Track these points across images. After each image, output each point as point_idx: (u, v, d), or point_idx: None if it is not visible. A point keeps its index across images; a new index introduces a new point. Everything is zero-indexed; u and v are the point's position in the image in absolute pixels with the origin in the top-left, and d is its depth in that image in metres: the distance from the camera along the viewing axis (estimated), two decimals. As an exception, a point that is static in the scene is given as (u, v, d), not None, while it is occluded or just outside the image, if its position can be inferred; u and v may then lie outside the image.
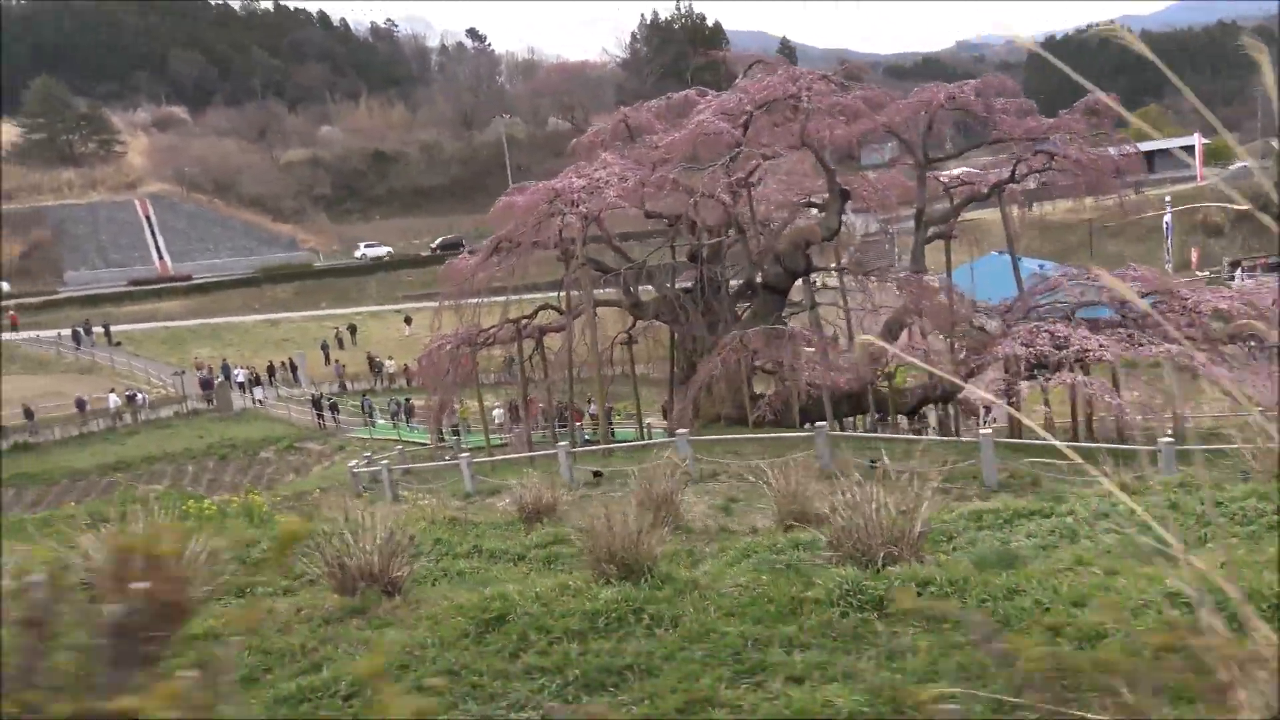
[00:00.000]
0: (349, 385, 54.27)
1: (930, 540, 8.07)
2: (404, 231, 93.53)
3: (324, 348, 58.91)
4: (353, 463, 28.07)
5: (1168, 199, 69.36)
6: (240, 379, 52.17)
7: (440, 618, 7.47)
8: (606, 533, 7.99)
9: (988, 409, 35.99)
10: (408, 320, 65.84)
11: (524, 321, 30.50)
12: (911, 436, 24.47)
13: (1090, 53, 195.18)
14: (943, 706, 3.79)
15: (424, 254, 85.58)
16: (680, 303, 27.86)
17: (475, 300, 28.85)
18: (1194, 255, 78.41)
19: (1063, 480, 17.85)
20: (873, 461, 19.03)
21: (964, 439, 22.42)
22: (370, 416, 47.65)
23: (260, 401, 50.79)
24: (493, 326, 30.14)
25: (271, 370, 54.05)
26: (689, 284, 29.14)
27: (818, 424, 19.94)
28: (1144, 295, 24.74)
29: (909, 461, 20.59)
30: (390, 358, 56.79)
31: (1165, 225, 78.27)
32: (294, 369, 55.19)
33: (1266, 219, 1.91)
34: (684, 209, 27.90)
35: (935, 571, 6.94)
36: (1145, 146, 54.59)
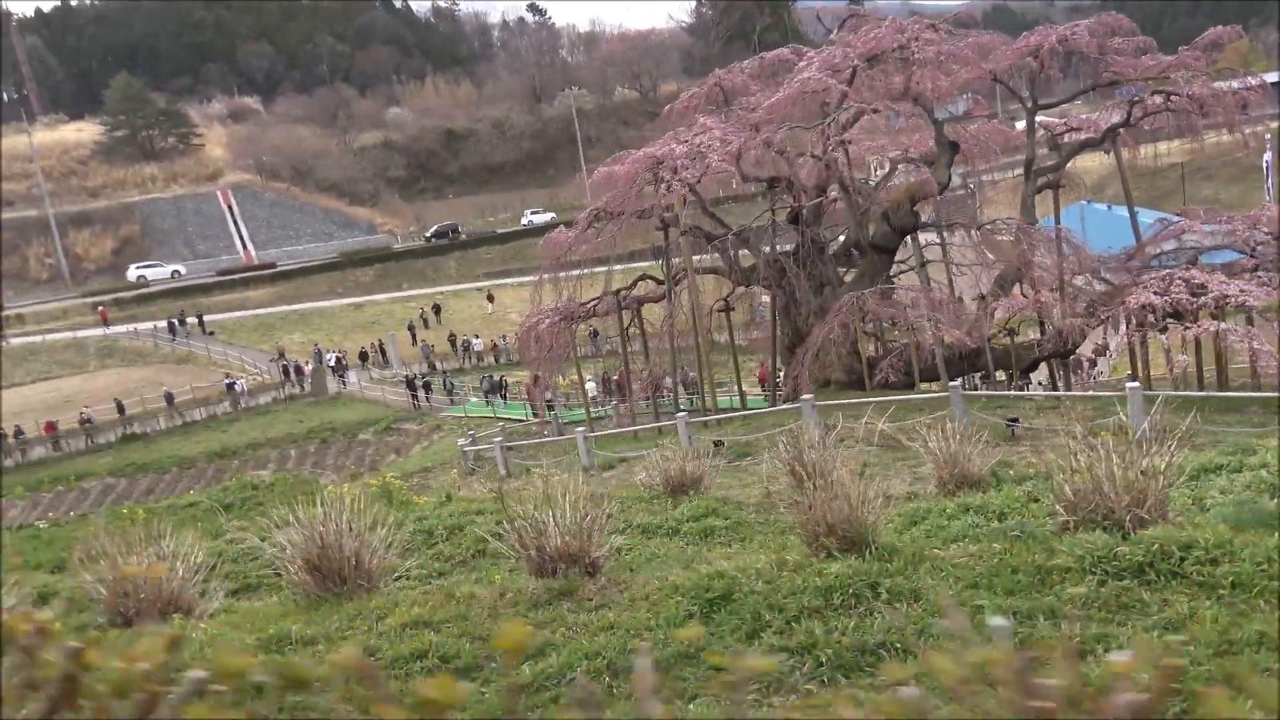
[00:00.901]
0: (438, 365, 54.66)
1: (1170, 501, 7.57)
2: (480, 208, 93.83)
3: (410, 328, 59.41)
4: (461, 440, 28.09)
5: (1268, 136, 66.52)
6: (332, 362, 52.84)
7: (656, 598, 7.16)
8: (824, 505, 7.62)
9: (1093, 362, 34.94)
10: (490, 298, 66.13)
11: (623, 293, 30.19)
12: (1042, 393, 23.67)
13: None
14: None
15: (500, 230, 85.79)
16: (783, 267, 27.28)
17: (576, 272, 28.59)
18: (1294, 195, 75.35)
19: (1215, 432, 17.09)
20: (1011, 420, 18.44)
21: (1103, 393, 21.61)
22: (453, 395, 48.01)
23: (345, 384, 51.36)
24: (593, 299, 29.89)
25: (364, 354, 54.67)
26: (790, 247, 28.53)
27: (950, 384, 19.27)
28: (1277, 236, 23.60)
29: (1040, 419, 19.99)
30: (476, 336, 57.16)
31: (1265, 164, 75.21)
32: (383, 351, 55.75)
33: None
34: (784, 170, 27.27)
35: (1194, 534, 6.45)
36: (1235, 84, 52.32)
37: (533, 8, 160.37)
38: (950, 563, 6.86)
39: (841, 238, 29.67)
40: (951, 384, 18.99)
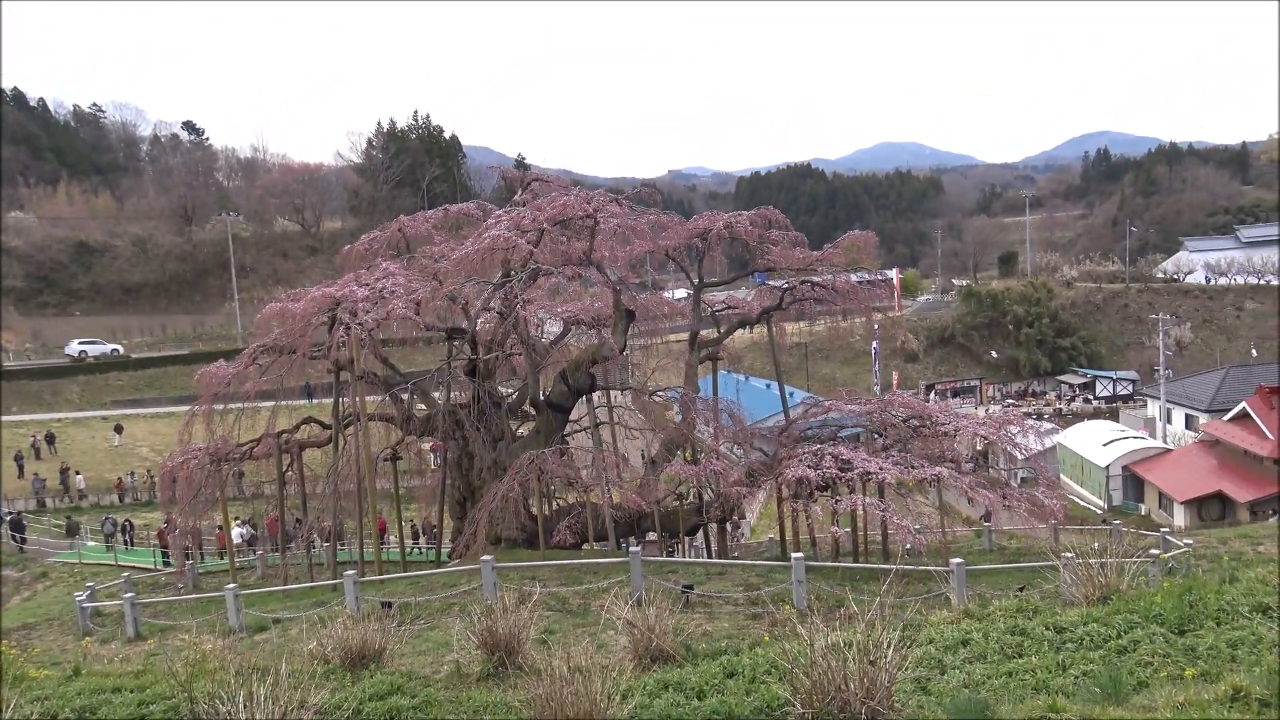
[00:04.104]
0: (49, 502, 48.33)
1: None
2: (112, 330, 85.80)
3: (18, 459, 52.30)
4: (79, 594, 24.61)
5: (876, 326, 75.65)
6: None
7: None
8: (558, 698, 7.19)
9: (736, 525, 37.09)
10: (118, 428, 59.98)
11: (285, 436, 28.40)
12: (711, 560, 24.57)
13: (789, 188, 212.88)
14: None
15: (135, 355, 78.69)
16: (459, 419, 26.89)
17: (236, 406, 26.55)
18: (895, 378, 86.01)
19: (862, 599, 18.43)
20: (686, 587, 18.88)
21: (765, 563, 22.75)
22: (75, 536, 42.65)
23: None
24: (250, 441, 27.82)
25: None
26: (465, 398, 28.25)
27: (632, 549, 19.50)
28: (906, 419, 26.49)
29: (710, 585, 20.65)
30: (78, 472, 51.19)
31: (873, 350, 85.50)
32: (-18, 483, 48.57)
33: None
34: (465, 323, 27.21)
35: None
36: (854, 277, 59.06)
37: (189, 125, 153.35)
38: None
39: (515, 394, 29.84)
40: (633, 549, 19.24)
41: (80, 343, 77.88)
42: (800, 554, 18.64)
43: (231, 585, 21.63)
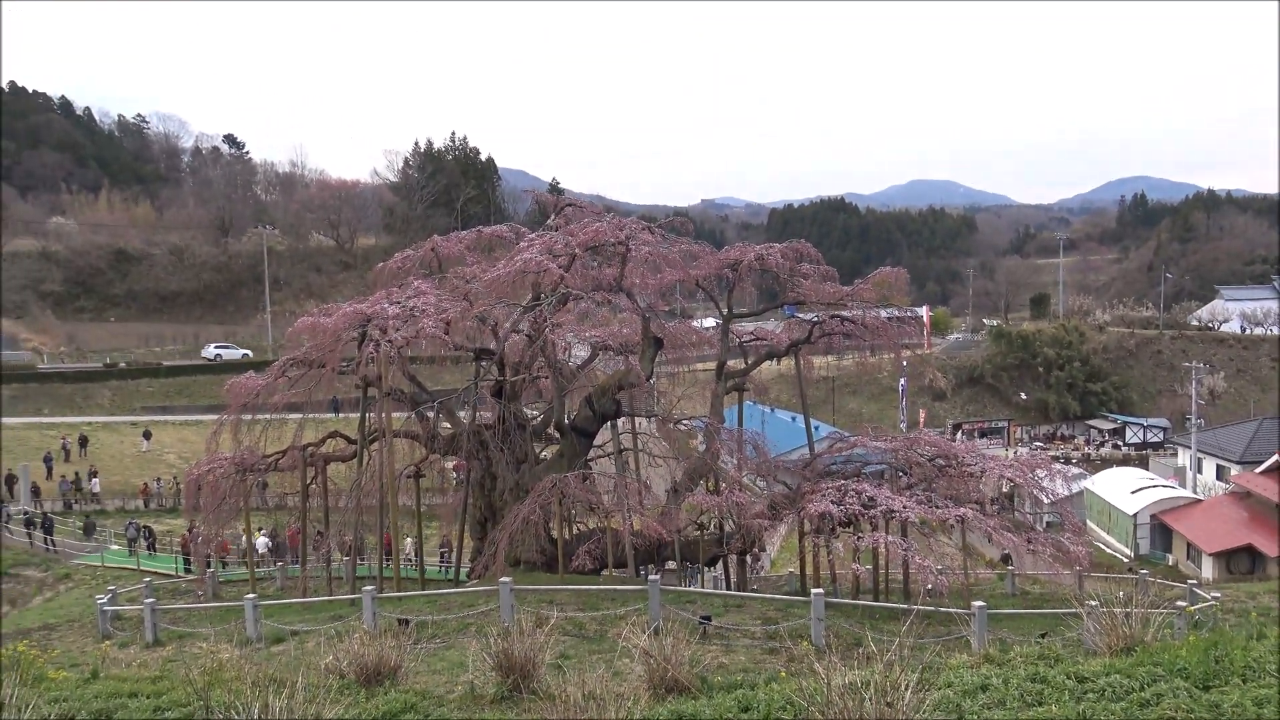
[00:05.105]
0: (74, 504, 48.81)
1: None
2: (145, 337, 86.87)
3: (47, 460, 52.87)
4: (101, 598, 24.77)
5: (904, 363, 75.35)
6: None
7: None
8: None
9: (756, 557, 36.86)
10: (147, 434, 60.57)
11: (310, 449, 28.58)
12: (730, 592, 24.43)
13: (821, 222, 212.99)
14: None
15: (166, 363, 79.59)
16: (484, 439, 26.97)
17: (264, 417, 26.78)
18: (922, 415, 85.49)
19: (881, 639, 18.25)
20: (704, 618, 18.78)
21: (784, 596, 22.59)
22: (90, 537, 43.06)
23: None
24: (276, 453, 28.04)
25: (12, 482, 47.98)
26: (490, 418, 28.33)
27: (650, 577, 19.44)
28: (932, 459, 26.28)
29: (728, 617, 20.52)
30: (94, 474, 51.59)
31: (901, 387, 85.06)
32: (10, 483, 48.99)
33: None
34: (494, 345, 27.34)
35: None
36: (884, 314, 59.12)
37: (229, 138, 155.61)
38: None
39: (540, 416, 29.90)
40: (652, 578, 19.17)
41: (216, 347, 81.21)
42: (820, 590, 18.51)
43: (251, 595, 21.71)
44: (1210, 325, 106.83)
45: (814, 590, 18.31)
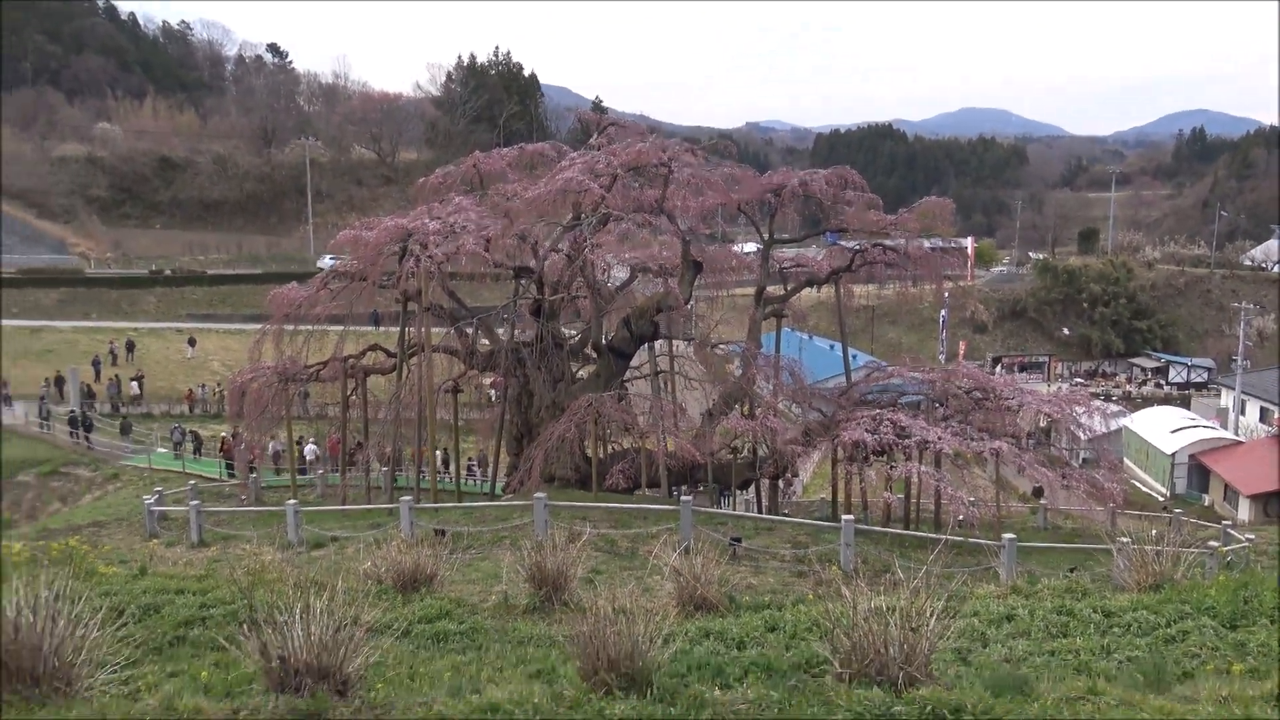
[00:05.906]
0: (120, 407, 49.89)
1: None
2: (189, 245, 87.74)
3: (95, 363, 53.96)
4: (148, 498, 25.47)
5: (946, 295, 74.51)
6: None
7: (426, 732, 6.60)
8: (601, 636, 7.31)
9: (789, 482, 37.11)
10: (192, 341, 61.58)
11: (350, 361, 28.94)
12: (761, 515, 24.65)
13: (868, 148, 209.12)
14: None
15: (210, 271, 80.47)
16: (521, 357, 27.16)
17: (306, 328, 27.12)
18: (962, 348, 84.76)
19: (909, 567, 18.39)
20: (735, 539, 19.01)
21: (813, 521, 22.79)
22: (125, 437, 44.06)
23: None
24: (317, 364, 28.43)
25: (61, 383, 49.10)
26: (528, 337, 28.51)
27: (683, 498, 19.67)
28: (969, 391, 26.16)
29: (758, 539, 20.76)
30: (134, 378, 52.49)
31: (942, 319, 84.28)
32: (60, 384, 50.10)
33: None
34: (533, 263, 27.36)
35: (961, 697, 6.71)
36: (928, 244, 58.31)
37: (273, 48, 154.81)
38: (731, 709, 6.77)
39: (578, 335, 30.03)
40: (684, 498, 19.38)
41: (331, 258, 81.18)
42: (851, 517, 18.65)
43: (292, 501, 22.24)
44: (1263, 265, 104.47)
45: (844, 516, 18.45)
